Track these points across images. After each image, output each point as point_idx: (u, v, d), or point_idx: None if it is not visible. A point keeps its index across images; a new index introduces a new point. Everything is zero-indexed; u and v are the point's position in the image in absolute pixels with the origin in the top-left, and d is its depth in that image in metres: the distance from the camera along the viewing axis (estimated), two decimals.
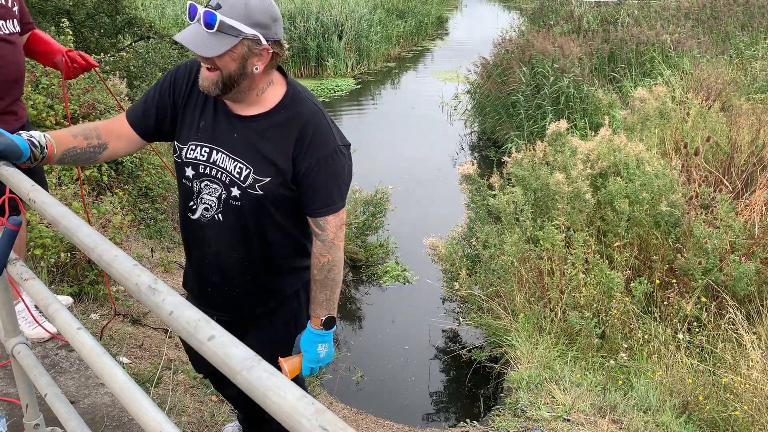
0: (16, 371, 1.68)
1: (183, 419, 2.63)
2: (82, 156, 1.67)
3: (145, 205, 4.83)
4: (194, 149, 1.68)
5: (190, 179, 1.71)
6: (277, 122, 1.66)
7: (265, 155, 1.65)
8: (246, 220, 1.72)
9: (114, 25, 7.87)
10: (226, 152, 1.66)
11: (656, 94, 7.16)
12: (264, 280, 1.84)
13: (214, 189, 1.69)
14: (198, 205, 1.72)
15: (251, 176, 1.65)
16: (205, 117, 1.68)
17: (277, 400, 0.70)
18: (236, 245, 1.76)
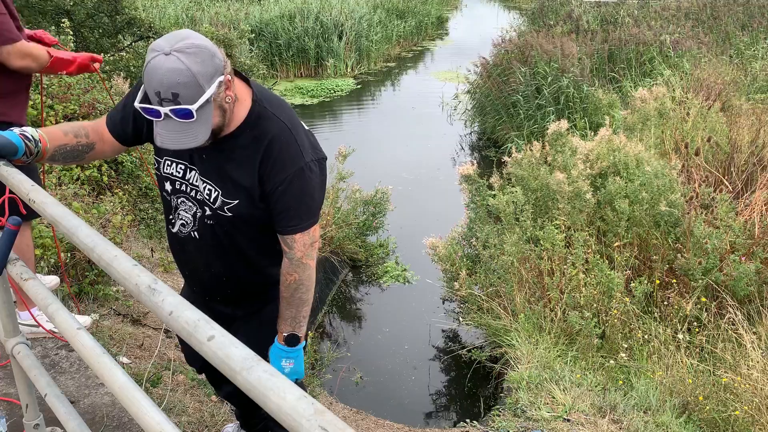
0: (16, 371, 1.68)
1: (183, 419, 2.63)
2: (71, 154, 1.66)
3: (145, 205, 4.83)
4: (170, 165, 1.69)
5: (169, 193, 1.73)
6: (243, 143, 1.61)
7: (233, 178, 1.63)
8: (220, 239, 1.73)
9: (114, 25, 7.87)
10: (198, 172, 1.66)
11: (656, 94, 7.16)
12: (247, 286, 1.89)
13: (189, 206, 1.71)
14: (176, 219, 1.75)
15: (220, 198, 1.65)
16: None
17: (277, 400, 0.70)
18: (214, 260, 1.79)
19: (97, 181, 4.35)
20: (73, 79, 4.74)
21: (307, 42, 14.41)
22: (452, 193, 7.13)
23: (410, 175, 8.44)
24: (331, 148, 6.81)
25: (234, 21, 14.31)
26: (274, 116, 1.63)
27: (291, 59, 14.45)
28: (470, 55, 12.17)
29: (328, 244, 5.99)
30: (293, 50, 14.42)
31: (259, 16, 14.93)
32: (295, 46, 14.42)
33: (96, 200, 4.00)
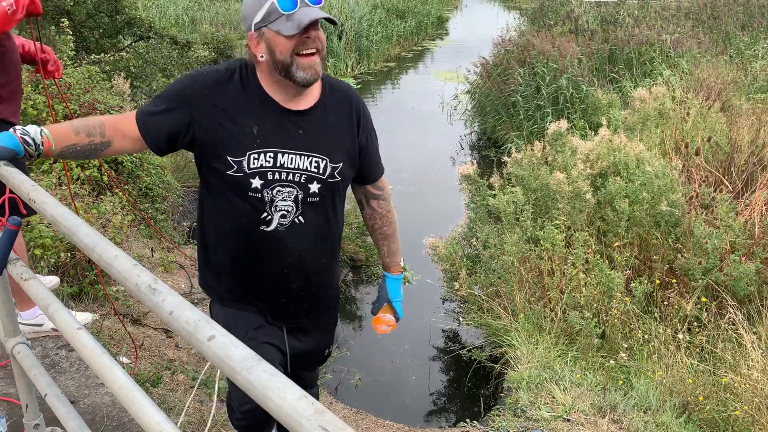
0: (16, 371, 1.68)
1: (183, 419, 2.63)
2: (82, 152, 1.63)
3: (145, 205, 4.83)
4: (257, 158, 1.60)
5: (258, 190, 1.62)
6: (332, 107, 1.71)
7: (336, 141, 1.70)
8: (326, 213, 1.75)
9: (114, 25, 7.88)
10: (295, 151, 1.63)
11: (656, 94, 7.16)
12: (335, 271, 1.93)
13: (289, 192, 1.65)
14: (273, 214, 1.66)
15: (329, 166, 1.68)
16: (257, 123, 1.61)
17: (277, 400, 0.70)
18: (318, 242, 1.77)
19: (97, 181, 4.35)
20: (73, 79, 4.74)
21: None
22: (452, 193, 7.13)
23: (410, 175, 8.44)
24: None
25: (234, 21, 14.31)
26: (337, 80, 1.79)
27: None
28: (470, 55, 12.17)
29: None
30: None
31: None
32: None
33: (96, 200, 4.00)
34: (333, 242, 1.84)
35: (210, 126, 1.60)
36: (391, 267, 2.01)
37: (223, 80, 1.63)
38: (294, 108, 1.64)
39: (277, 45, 1.53)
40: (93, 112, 4.49)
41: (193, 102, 1.60)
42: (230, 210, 1.68)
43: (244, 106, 1.61)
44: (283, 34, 1.50)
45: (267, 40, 1.55)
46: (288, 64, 1.53)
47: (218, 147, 1.60)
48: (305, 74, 1.54)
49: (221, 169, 1.61)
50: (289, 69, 1.54)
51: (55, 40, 5.65)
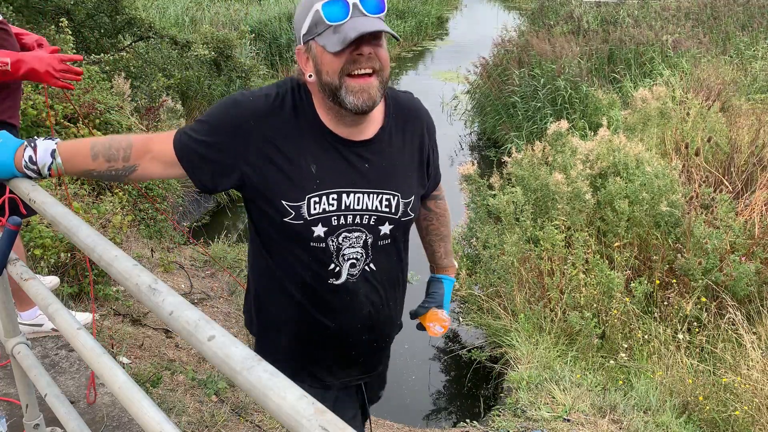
0: (15, 371, 1.68)
1: (183, 419, 2.63)
2: (102, 177, 1.44)
3: (145, 205, 4.83)
4: (318, 202, 1.35)
5: (322, 238, 1.39)
6: (399, 130, 1.47)
7: (406, 172, 1.47)
8: (398, 255, 1.55)
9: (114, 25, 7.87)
10: (362, 190, 1.39)
11: (656, 94, 7.16)
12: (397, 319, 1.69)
13: (357, 237, 1.42)
14: (341, 265, 1.43)
15: (401, 203, 1.44)
16: (315, 159, 1.36)
17: (277, 400, 0.70)
18: (390, 290, 1.57)
19: (97, 181, 4.35)
20: None
21: None
22: (452, 193, 7.13)
23: None
24: None
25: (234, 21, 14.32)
26: (399, 93, 1.53)
27: (291, 59, 14.44)
28: (470, 55, 12.17)
29: None
30: (292, 51, 14.42)
31: (258, 16, 14.93)
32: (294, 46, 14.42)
33: (96, 200, 4.00)
34: (404, 288, 1.64)
35: (260, 165, 1.34)
36: (448, 268, 1.83)
37: (274, 107, 1.36)
38: (356, 138, 1.39)
39: (323, 63, 1.28)
40: (93, 112, 4.49)
41: (239, 135, 1.34)
42: (290, 262, 1.44)
43: (298, 139, 1.36)
44: (328, 51, 1.25)
45: (314, 56, 1.30)
46: (336, 86, 1.27)
47: (271, 190, 1.35)
48: (356, 100, 1.27)
49: (276, 215, 1.36)
50: (337, 93, 1.28)
51: (55, 40, 5.65)
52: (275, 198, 1.35)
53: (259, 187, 1.36)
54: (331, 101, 1.31)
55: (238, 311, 4.28)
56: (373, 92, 1.28)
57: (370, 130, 1.41)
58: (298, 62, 1.35)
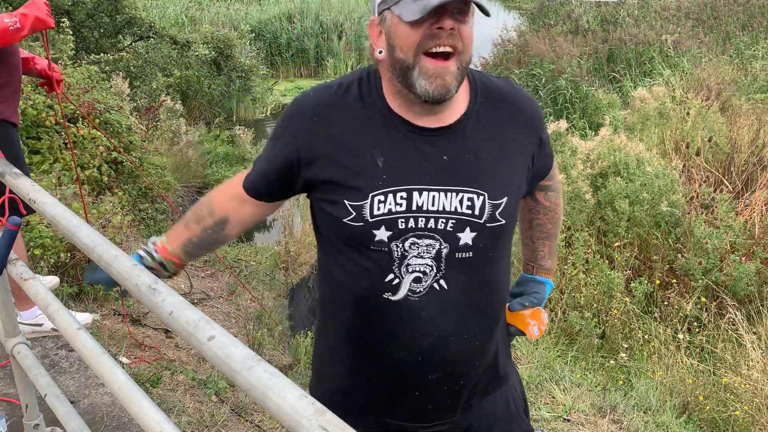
0: (15, 371, 1.68)
1: (183, 419, 2.63)
2: (204, 243, 1.36)
3: (145, 205, 4.83)
4: (383, 200, 1.14)
5: (384, 243, 1.16)
6: (490, 117, 1.21)
7: (496, 168, 1.20)
8: (483, 274, 1.23)
9: (114, 25, 7.88)
10: (437, 187, 1.15)
11: (655, 94, 7.16)
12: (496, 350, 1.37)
13: (428, 246, 1.17)
14: (402, 277, 1.17)
15: (487, 204, 1.17)
16: (382, 151, 1.16)
17: (277, 400, 0.69)
18: (469, 318, 1.25)
19: (97, 181, 4.35)
20: (72, 79, 4.74)
21: (306, 42, 14.42)
22: None
23: None
24: None
25: (234, 21, 14.33)
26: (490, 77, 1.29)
27: (291, 59, 14.45)
28: None
29: None
30: (293, 50, 14.43)
31: (258, 16, 14.94)
32: (294, 46, 14.43)
33: (96, 200, 4.00)
34: (494, 316, 1.30)
35: (320, 161, 1.18)
36: (550, 271, 1.52)
37: (336, 98, 1.20)
38: (432, 125, 1.17)
39: (397, 36, 1.09)
40: (93, 111, 4.49)
41: (299, 133, 1.20)
42: (346, 270, 1.23)
43: (363, 130, 1.17)
44: (404, 20, 1.05)
45: (387, 28, 1.11)
46: (408, 65, 1.09)
47: (332, 188, 1.18)
48: (428, 85, 1.08)
49: (336, 216, 1.18)
50: (409, 73, 1.09)
51: (55, 39, 5.65)
52: (337, 197, 1.17)
53: (321, 188, 1.20)
54: (400, 83, 1.12)
55: (238, 311, 4.28)
56: (449, 79, 1.08)
57: (450, 116, 1.17)
58: (369, 37, 1.18)
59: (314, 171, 1.19)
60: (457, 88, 1.11)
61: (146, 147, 5.12)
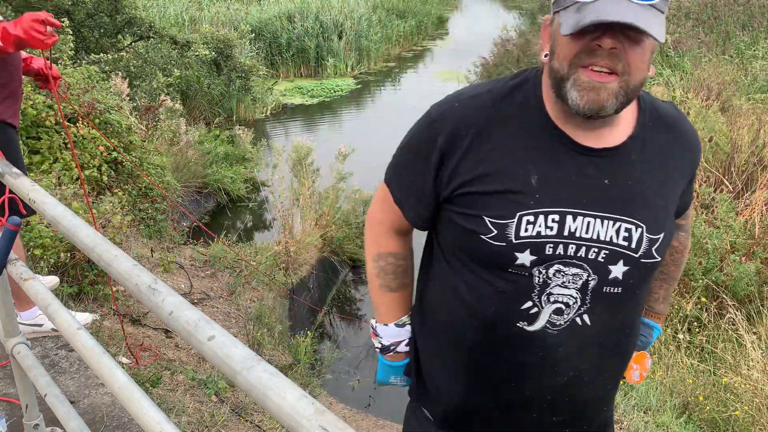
0: (15, 371, 1.68)
1: (183, 419, 2.63)
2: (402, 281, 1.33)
3: (145, 205, 4.83)
4: (532, 221, 1.05)
5: (525, 268, 1.07)
6: (656, 144, 1.12)
7: (659, 199, 1.10)
8: (628, 312, 1.15)
9: (114, 25, 7.88)
10: (594, 213, 1.06)
11: (656, 93, 7.16)
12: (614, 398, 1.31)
13: (575, 276, 1.07)
14: (542, 307, 1.08)
15: (645, 238, 1.07)
16: (537, 167, 1.07)
17: (277, 400, 0.69)
18: (606, 358, 1.16)
19: (97, 181, 4.35)
20: (72, 78, 4.74)
21: (306, 42, 14.43)
22: None
23: None
24: (331, 148, 6.81)
25: (234, 21, 14.33)
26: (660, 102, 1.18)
27: (291, 59, 14.45)
28: (470, 55, 12.18)
29: (328, 244, 5.99)
30: (293, 50, 14.43)
31: (258, 15, 14.94)
32: (294, 46, 14.44)
33: (96, 200, 4.00)
34: (627, 359, 1.23)
35: (464, 167, 1.09)
36: (662, 315, 1.40)
37: (498, 99, 1.11)
38: (595, 145, 1.07)
39: (557, 43, 1.03)
40: (93, 111, 4.49)
41: (449, 134, 1.11)
42: (473, 290, 1.12)
43: (517, 142, 1.08)
44: (561, 32, 0.99)
45: (553, 32, 1.05)
46: (563, 75, 1.01)
47: (471, 202, 1.09)
48: (579, 97, 1.00)
49: (472, 231, 1.08)
50: (563, 84, 1.02)
51: None
52: (478, 210, 1.07)
53: (459, 196, 1.10)
54: (555, 92, 1.04)
55: (238, 311, 4.28)
56: (603, 96, 0.99)
57: (614, 137, 1.09)
58: (542, 36, 1.10)
59: (455, 184, 1.10)
60: (617, 108, 1.01)
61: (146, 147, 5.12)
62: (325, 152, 6.81)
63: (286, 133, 10.55)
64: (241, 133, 8.37)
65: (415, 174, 1.17)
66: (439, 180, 1.13)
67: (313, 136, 9.31)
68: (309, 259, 5.51)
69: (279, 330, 4.35)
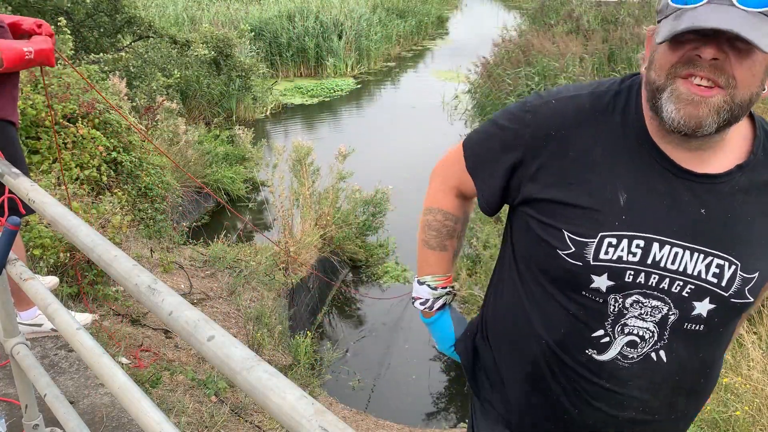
0: (15, 371, 1.68)
1: (182, 419, 2.63)
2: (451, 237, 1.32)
3: (145, 205, 4.83)
4: (615, 244, 0.98)
5: (600, 293, 1.00)
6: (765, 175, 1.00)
7: (762, 234, 1.00)
8: (709, 352, 1.06)
9: (113, 25, 7.88)
10: (685, 244, 0.97)
11: None
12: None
13: (654, 308, 1.00)
14: (615, 337, 1.01)
15: (738, 277, 0.98)
16: (627, 187, 0.98)
17: (277, 400, 0.69)
18: (680, 397, 1.08)
19: (97, 181, 4.34)
20: (72, 78, 4.74)
21: (306, 42, 14.43)
22: None
23: (410, 174, 8.44)
24: (331, 148, 6.81)
25: (234, 20, 14.33)
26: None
27: (291, 59, 14.46)
28: (470, 55, 12.18)
29: (328, 244, 5.99)
30: (293, 50, 14.43)
31: (258, 15, 14.94)
32: (294, 45, 14.44)
33: (95, 200, 4.00)
34: (704, 401, 1.15)
35: (548, 171, 1.03)
36: None
37: (597, 104, 1.03)
38: (695, 169, 0.98)
39: (655, 53, 0.95)
40: (92, 111, 4.49)
41: (537, 131, 1.04)
42: (542, 307, 1.07)
43: (610, 155, 1.00)
44: (656, 40, 0.93)
45: (653, 43, 0.97)
46: (658, 86, 0.93)
47: (552, 211, 1.02)
48: (674, 110, 0.91)
49: (548, 243, 1.02)
50: (658, 95, 0.93)
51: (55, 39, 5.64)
52: (558, 224, 1.01)
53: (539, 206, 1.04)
54: (650, 105, 0.96)
55: (238, 311, 4.28)
56: (704, 111, 0.89)
57: (719, 163, 0.99)
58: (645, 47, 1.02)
59: (537, 187, 1.03)
60: (717, 126, 0.91)
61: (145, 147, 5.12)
62: (326, 152, 6.82)
63: (286, 133, 10.56)
64: (240, 133, 8.37)
65: (493, 155, 1.11)
66: (517, 177, 1.07)
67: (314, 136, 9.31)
68: (309, 259, 5.51)
69: (279, 330, 4.35)
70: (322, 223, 5.95)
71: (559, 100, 1.05)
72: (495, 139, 1.11)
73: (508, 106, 1.13)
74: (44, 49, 2.25)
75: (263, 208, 7.53)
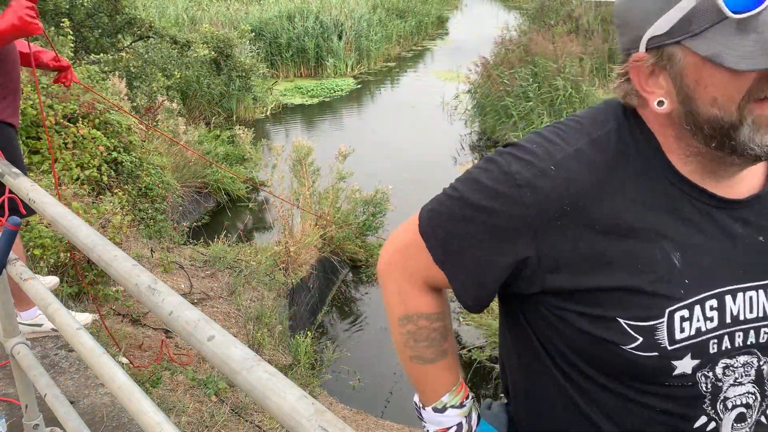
0: (15, 371, 1.68)
1: (183, 419, 2.63)
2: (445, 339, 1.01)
3: (145, 205, 4.83)
4: (687, 317, 0.80)
5: (687, 377, 0.82)
6: None
7: None
8: None
9: (114, 25, 7.88)
10: (755, 283, 0.83)
11: None
12: None
13: (745, 365, 0.83)
14: (721, 418, 0.84)
15: None
16: (676, 243, 0.80)
17: (277, 400, 0.69)
18: None
19: (97, 181, 4.35)
20: None
21: (306, 42, 14.43)
22: None
23: (410, 174, 8.44)
24: (331, 148, 6.81)
25: (234, 21, 14.34)
26: None
27: (291, 59, 14.46)
28: (470, 55, 12.18)
29: (328, 244, 5.99)
30: (293, 50, 14.44)
31: (258, 15, 14.95)
32: (294, 45, 14.44)
33: (96, 200, 4.00)
34: None
35: (576, 263, 0.81)
36: None
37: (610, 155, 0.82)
38: (738, 195, 0.84)
39: (705, 84, 0.75)
40: (92, 111, 4.49)
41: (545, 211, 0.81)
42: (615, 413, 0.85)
43: (641, 209, 0.81)
44: (726, 65, 0.71)
45: (679, 71, 0.76)
46: (731, 122, 0.74)
47: (595, 300, 0.81)
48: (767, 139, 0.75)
49: (603, 340, 0.82)
50: (734, 133, 0.75)
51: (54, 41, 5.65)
52: (609, 313, 0.81)
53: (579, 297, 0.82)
54: (715, 147, 0.77)
55: (238, 311, 4.28)
56: None
57: (753, 180, 0.86)
58: (632, 78, 0.81)
59: (564, 276, 0.82)
60: None
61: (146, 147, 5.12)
62: (326, 152, 6.82)
63: (286, 133, 10.56)
64: (240, 133, 8.37)
65: (478, 244, 0.85)
66: (528, 269, 0.84)
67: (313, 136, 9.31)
68: (309, 259, 5.52)
69: (279, 330, 4.35)
70: (321, 222, 5.96)
71: (560, 164, 0.81)
72: (475, 224, 0.84)
73: (474, 174, 0.86)
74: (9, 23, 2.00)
75: (263, 208, 7.53)
